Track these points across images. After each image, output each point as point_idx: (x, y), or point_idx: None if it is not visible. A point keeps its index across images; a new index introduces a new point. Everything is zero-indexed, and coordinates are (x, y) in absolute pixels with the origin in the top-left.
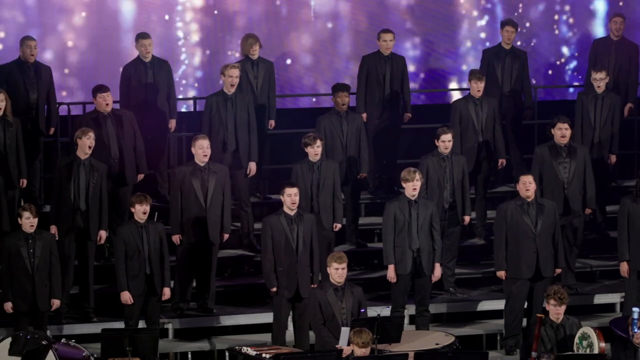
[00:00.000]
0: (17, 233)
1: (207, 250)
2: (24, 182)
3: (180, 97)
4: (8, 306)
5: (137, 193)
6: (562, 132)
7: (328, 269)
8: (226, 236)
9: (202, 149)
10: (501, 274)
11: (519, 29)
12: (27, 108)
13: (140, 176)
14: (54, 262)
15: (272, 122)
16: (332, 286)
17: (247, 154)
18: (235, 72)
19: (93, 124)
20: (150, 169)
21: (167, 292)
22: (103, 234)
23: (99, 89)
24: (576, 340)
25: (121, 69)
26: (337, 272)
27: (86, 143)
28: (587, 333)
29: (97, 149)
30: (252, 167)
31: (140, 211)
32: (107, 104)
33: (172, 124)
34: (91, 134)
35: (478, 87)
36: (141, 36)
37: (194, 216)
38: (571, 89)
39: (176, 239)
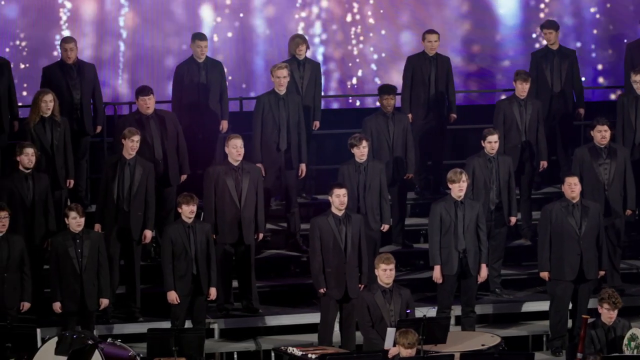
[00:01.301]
0: (64, 233)
1: (243, 250)
2: (71, 183)
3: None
4: (57, 306)
5: (184, 193)
6: (601, 134)
7: (376, 270)
8: (261, 236)
9: (235, 148)
10: (544, 274)
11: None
12: (71, 109)
13: (183, 177)
14: (102, 261)
15: (317, 123)
16: (380, 288)
17: (297, 155)
18: (283, 73)
19: (136, 125)
20: (199, 169)
21: (213, 292)
22: (148, 233)
23: (141, 91)
24: (625, 341)
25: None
26: (385, 273)
27: (128, 145)
28: (635, 334)
29: (141, 150)
30: (303, 168)
31: (188, 211)
32: (147, 107)
33: (224, 125)
34: (136, 137)
35: (523, 88)
36: (198, 37)
37: (228, 216)
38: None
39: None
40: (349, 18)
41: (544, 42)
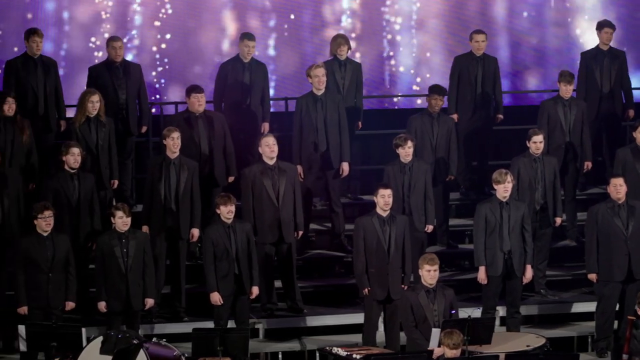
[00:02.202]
0: (110, 233)
1: (285, 250)
2: (115, 183)
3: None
4: (102, 305)
5: (221, 194)
6: None
7: (420, 271)
8: (300, 234)
9: (268, 146)
10: (592, 276)
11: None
12: (117, 109)
13: (231, 179)
14: (147, 261)
15: (359, 124)
16: (423, 288)
17: (338, 154)
18: (321, 71)
19: (184, 123)
20: (240, 169)
21: (255, 291)
22: (196, 232)
23: (194, 89)
24: None
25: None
26: (429, 274)
27: (170, 143)
28: None
29: (188, 149)
30: (345, 167)
31: (225, 211)
32: (199, 105)
33: (265, 127)
34: (175, 134)
35: (567, 90)
36: (247, 36)
37: (267, 216)
38: None
39: None
40: (389, 36)
41: None
